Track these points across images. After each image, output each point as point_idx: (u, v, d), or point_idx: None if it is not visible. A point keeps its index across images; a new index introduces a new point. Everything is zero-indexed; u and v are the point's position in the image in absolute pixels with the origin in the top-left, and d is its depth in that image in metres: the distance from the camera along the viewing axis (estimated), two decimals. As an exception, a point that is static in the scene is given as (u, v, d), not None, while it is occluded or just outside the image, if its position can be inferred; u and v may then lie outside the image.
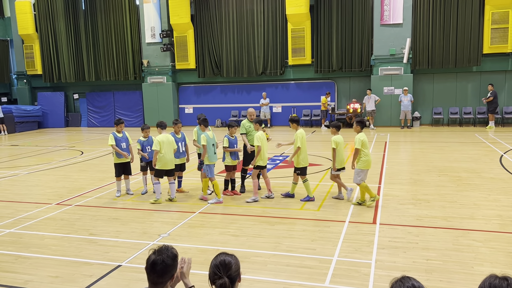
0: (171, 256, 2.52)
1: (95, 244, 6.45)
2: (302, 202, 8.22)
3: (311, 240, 6.30)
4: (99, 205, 8.59)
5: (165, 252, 2.51)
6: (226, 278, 2.42)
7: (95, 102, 24.82)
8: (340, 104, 21.61)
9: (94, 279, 5.25)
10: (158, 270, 2.48)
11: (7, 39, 26.19)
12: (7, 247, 6.39)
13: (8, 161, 14.23)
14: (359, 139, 7.81)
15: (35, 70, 25.28)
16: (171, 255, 2.53)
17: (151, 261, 2.49)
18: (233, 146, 8.73)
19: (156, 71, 23.12)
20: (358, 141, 7.79)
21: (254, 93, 22.05)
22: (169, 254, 2.52)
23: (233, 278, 2.45)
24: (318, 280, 5.04)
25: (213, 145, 8.60)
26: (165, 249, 2.53)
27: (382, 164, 11.54)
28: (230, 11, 21.86)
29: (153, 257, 2.50)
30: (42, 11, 24.36)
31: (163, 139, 8.38)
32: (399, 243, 6.08)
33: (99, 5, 23.46)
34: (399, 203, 8.00)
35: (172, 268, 2.52)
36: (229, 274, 2.44)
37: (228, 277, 2.43)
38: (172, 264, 2.52)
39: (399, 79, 19.71)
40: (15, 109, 23.33)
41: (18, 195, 9.54)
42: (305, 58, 20.79)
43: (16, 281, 5.26)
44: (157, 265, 2.47)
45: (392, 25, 19.51)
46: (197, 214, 7.75)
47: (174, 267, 2.53)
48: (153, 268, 2.48)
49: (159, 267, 2.47)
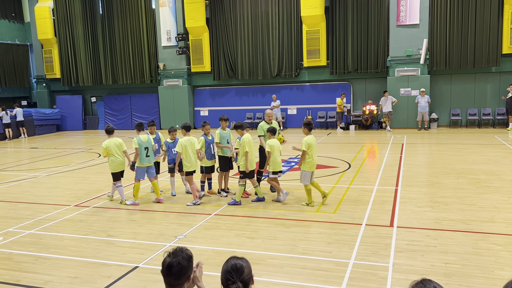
0: (186, 257, 2.52)
1: (113, 245, 6.53)
2: (318, 204, 8.18)
3: (327, 243, 6.26)
4: (117, 206, 8.69)
5: (180, 254, 2.51)
6: (240, 283, 2.39)
7: (112, 105, 25.15)
8: (356, 105, 21.46)
9: (112, 280, 5.32)
10: (174, 272, 2.48)
11: (27, 44, 26.75)
12: (28, 248, 6.51)
13: (28, 163, 14.52)
14: (305, 142, 7.92)
15: (54, 74, 25.76)
16: (186, 256, 2.52)
17: (167, 264, 2.49)
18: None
19: (172, 74, 23.33)
20: (305, 143, 7.91)
21: (269, 95, 22.05)
22: (184, 255, 2.52)
23: (246, 282, 2.43)
24: (335, 283, 5.01)
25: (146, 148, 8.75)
26: (179, 251, 2.53)
27: (399, 166, 11.42)
28: (245, 13, 21.93)
29: (168, 259, 2.50)
30: (60, 16, 24.83)
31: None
32: (417, 246, 6.00)
33: (116, 10, 23.79)
34: (416, 206, 7.90)
35: (188, 269, 2.52)
36: (242, 278, 2.42)
37: (241, 281, 2.41)
38: (188, 265, 2.51)
39: (416, 80, 19.48)
40: (35, 112, 23.81)
41: (38, 197, 9.72)
42: (320, 60, 20.72)
43: (36, 281, 5.36)
44: (173, 267, 2.47)
45: (408, 26, 19.30)
46: (212, 216, 7.78)
47: (190, 268, 2.53)
48: (169, 271, 2.48)
49: (175, 269, 2.47)
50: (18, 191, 10.42)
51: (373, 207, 7.90)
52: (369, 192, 8.98)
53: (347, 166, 11.77)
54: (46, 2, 25.02)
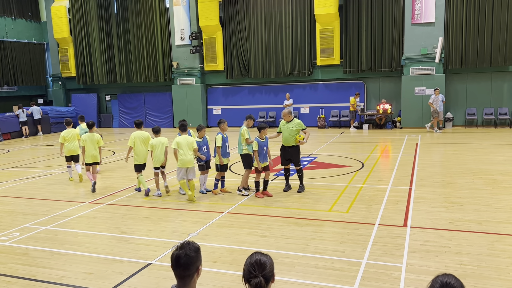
0: (193, 249, 2.60)
1: (126, 242, 6.60)
2: (331, 204, 8.14)
3: (340, 242, 6.23)
4: (130, 204, 8.78)
5: (187, 246, 2.59)
6: (262, 278, 2.43)
7: (127, 103, 25.38)
8: (370, 104, 21.29)
9: (126, 276, 5.37)
10: (182, 263, 2.54)
11: (43, 42, 27.15)
12: (43, 244, 6.62)
13: (44, 161, 14.75)
14: (175, 141, 8.79)
15: (69, 73, 26.10)
16: (193, 248, 2.60)
17: (175, 256, 2.57)
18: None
19: (185, 73, 23.44)
20: (174, 142, 8.80)
21: (282, 94, 22.01)
22: (191, 247, 2.59)
23: (267, 278, 2.48)
24: (347, 282, 4.99)
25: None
26: (186, 244, 2.61)
27: (413, 166, 11.30)
28: (258, 12, 21.92)
29: (176, 252, 2.58)
30: (76, 15, 25.14)
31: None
32: (431, 246, 5.93)
33: (131, 9, 24.00)
34: (430, 206, 7.81)
35: (196, 260, 2.58)
36: (264, 274, 2.46)
37: (263, 276, 2.45)
38: (196, 256, 2.58)
39: (430, 79, 19.25)
40: (51, 110, 24.17)
41: (53, 194, 9.87)
42: (334, 59, 20.60)
43: (52, 277, 5.45)
44: (181, 259, 2.54)
45: (423, 24, 19.07)
46: (225, 214, 7.81)
47: (198, 259, 2.60)
48: (177, 262, 2.55)
49: (183, 260, 2.54)
50: (34, 187, 10.60)
51: (387, 207, 7.83)
52: (382, 191, 8.91)
53: (360, 166, 11.70)
54: (62, 1, 25.36)
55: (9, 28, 25.07)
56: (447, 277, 2.22)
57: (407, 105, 19.65)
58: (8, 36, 24.91)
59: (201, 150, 9.18)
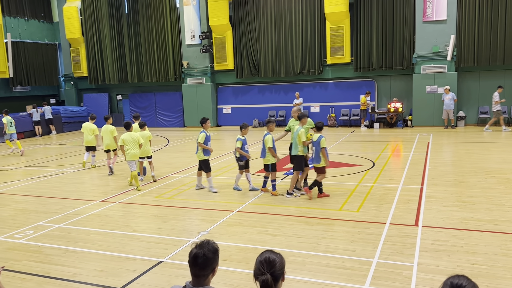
0: (211, 250, 2.60)
1: (138, 240, 6.66)
2: (341, 203, 8.12)
3: (351, 241, 6.22)
4: (141, 202, 8.86)
5: (206, 246, 2.60)
6: (269, 275, 2.44)
7: (137, 103, 25.56)
8: (381, 103, 21.16)
9: (137, 274, 5.43)
10: (199, 263, 2.56)
11: (55, 43, 27.46)
12: (57, 241, 6.71)
13: (57, 160, 14.93)
14: (121, 138, 10.05)
15: (81, 73, 26.36)
16: (212, 249, 2.60)
17: (193, 255, 2.58)
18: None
19: (196, 72, 23.53)
20: (120, 139, 10.05)
21: (292, 93, 21.97)
22: (210, 248, 2.60)
23: (276, 276, 2.47)
24: (358, 281, 4.98)
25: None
26: (206, 243, 2.62)
27: (424, 165, 11.21)
28: (268, 11, 21.91)
29: (194, 250, 2.59)
30: (88, 16, 25.38)
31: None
32: (443, 246, 5.89)
33: (141, 9, 24.15)
34: (442, 205, 7.75)
35: (213, 261, 2.60)
36: (272, 272, 2.46)
37: (272, 274, 2.45)
38: (213, 257, 2.60)
39: (442, 77, 19.06)
40: (63, 110, 24.45)
41: (66, 192, 10.00)
42: (344, 57, 20.51)
43: (65, 274, 5.52)
44: (199, 258, 2.56)
45: (435, 22, 18.89)
46: (235, 212, 7.83)
47: (215, 261, 2.61)
48: (194, 261, 2.57)
49: (200, 260, 2.56)
50: (47, 186, 10.74)
51: (398, 206, 7.79)
52: (393, 190, 8.86)
53: (371, 165, 11.64)
54: (74, 2, 25.62)
55: (22, 29, 25.41)
56: (458, 278, 2.18)
57: (418, 104, 19.48)
58: (21, 37, 25.25)
59: (243, 148, 9.20)
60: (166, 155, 14.76)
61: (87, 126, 12.76)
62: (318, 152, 8.46)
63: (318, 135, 8.49)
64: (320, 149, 8.41)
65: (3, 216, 8.23)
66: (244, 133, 9.30)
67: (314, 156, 8.55)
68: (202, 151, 9.34)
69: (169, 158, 14.08)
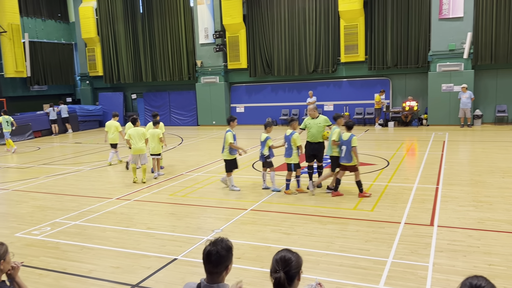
0: (225, 247, 2.62)
1: (152, 237, 6.72)
2: (356, 201, 8.07)
3: (365, 240, 6.18)
4: (156, 200, 8.94)
5: (220, 244, 2.62)
6: (282, 274, 2.44)
7: (152, 102, 25.77)
8: (396, 101, 20.94)
9: (152, 271, 5.48)
10: (212, 260, 2.59)
11: (71, 43, 27.84)
12: (73, 238, 6.82)
13: (73, 158, 15.16)
14: (127, 133, 10.77)
15: (96, 72, 26.68)
16: (225, 246, 2.62)
17: (207, 252, 2.61)
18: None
19: (209, 71, 23.61)
20: (127, 134, 10.77)
21: (305, 91, 21.88)
22: (224, 245, 2.62)
23: (291, 275, 2.48)
24: (373, 281, 4.95)
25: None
26: (220, 241, 2.64)
27: (440, 164, 11.07)
28: (281, 9, 21.86)
29: (208, 248, 2.62)
30: (103, 16, 25.66)
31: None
32: (459, 246, 5.81)
33: (156, 8, 24.33)
34: (458, 205, 7.65)
35: (226, 259, 2.62)
36: (287, 270, 2.47)
37: (286, 273, 2.45)
38: (227, 255, 2.61)
39: (458, 75, 18.78)
40: (79, 109, 24.79)
41: (82, 190, 10.14)
42: (358, 55, 20.36)
43: (81, 270, 5.61)
44: (212, 256, 2.59)
45: (451, 19, 18.61)
46: (248, 211, 7.85)
47: (228, 259, 2.63)
48: (208, 258, 2.60)
49: (214, 257, 2.58)
50: (63, 184, 10.91)
51: (413, 206, 7.71)
52: (408, 190, 8.78)
53: (386, 164, 11.54)
54: (89, 2, 25.93)
55: (39, 29, 25.82)
56: (477, 279, 2.15)
57: (434, 102, 19.24)
58: (39, 37, 25.66)
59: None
60: (180, 154, 14.86)
61: (111, 124, 13.17)
62: (349, 150, 8.41)
63: (350, 134, 8.48)
64: (352, 148, 8.36)
65: (21, 213, 8.39)
66: (268, 131, 9.23)
67: (344, 154, 8.47)
68: (228, 151, 9.24)
69: (182, 157, 14.17)
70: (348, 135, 8.50)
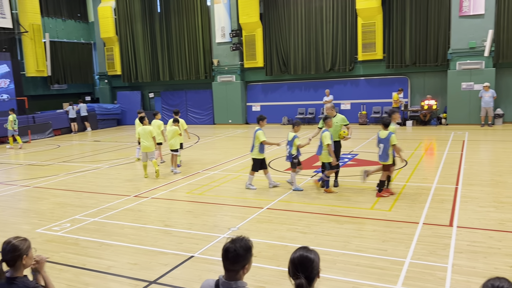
0: (244, 247, 2.62)
1: (170, 235, 6.79)
2: (373, 201, 8.00)
3: (382, 240, 6.12)
4: (173, 198, 9.01)
5: (239, 242, 2.63)
6: (304, 280, 2.43)
7: (169, 101, 25.98)
8: (414, 100, 20.66)
9: (169, 268, 5.54)
10: (230, 257, 2.60)
11: (90, 42, 28.26)
12: (92, 235, 6.93)
13: (92, 156, 15.40)
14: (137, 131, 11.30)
15: (115, 71, 27.02)
16: (244, 246, 2.62)
17: (225, 248, 2.64)
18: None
19: (226, 70, 23.68)
20: (136, 132, 11.33)
21: (322, 90, 21.76)
22: (243, 244, 2.62)
23: (311, 278, 2.47)
24: (390, 281, 4.90)
25: None
26: (239, 240, 2.65)
27: (459, 164, 10.88)
28: (298, 7, 21.78)
29: (227, 244, 2.64)
30: (121, 15, 25.96)
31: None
32: (479, 247, 5.71)
33: (173, 8, 24.51)
34: (478, 206, 7.51)
35: (244, 258, 2.62)
36: (307, 274, 2.46)
37: (307, 278, 2.44)
38: (244, 254, 2.61)
39: (479, 73, 18.41)
40: (98, 107, 25.17)
41: (100, 187, 10.30)
42: (376, 53, 20.14)
43: (100, 266, 5.70)
44: (229, 253, 2.60)
45: (472, 17, 18.26)
46: (265, 209, 7.85)
47: (246, 258, 2.63)
48: (226, 255, 2.62)
49: (231, 255, 2.59)
50: (82, 181, 11.10)
51: (431, 206, 7.61)
52: (427, 190, 8.66)
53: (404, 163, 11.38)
54: (108, 2, 26.27)
55: (59, 29, 26.28)
56: (499, 280, 2.11)
57: (453, 101, 18.91)
58: (59, 37, 26.12)
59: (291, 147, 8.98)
60: (196, 152, 14.95)
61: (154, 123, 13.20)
62: (386, 149, 8.25)
63: (388, 132, 8.29)
64: (391, 146, 8.18)
65: (42, 209, 8.57)
66: (296, 130, 9.15)
67: (381, 153, 8.33)
68: (258, 149, 9.17)
69: (199, 155, 14.25)
70: (386, 133, 8.28)
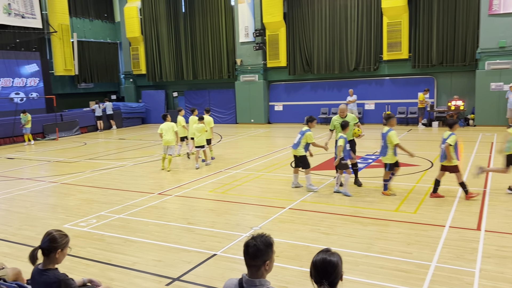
0: (264, 242, 2.66)
1: (193, 232, 6.85)
2: (398, 203, 7.87)
3: (407, 243, 6.02)
4: (196, 196, 9.10)
5: (259, 238, 2.67)
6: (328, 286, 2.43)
7: (192, 100, 26.21)
8: (440, 101, 20.23)
9: (192, 265, 5.59)
10: (250, 252, 2.64)
11: (116, 42, 28.78)
12: (118, 231, 7.06)
13: (117, 153, 15.69)
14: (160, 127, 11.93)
15: (140, 70, 27.45)
16: (264, 241, 2.66)
17: (245, 243, 2.69)
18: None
19: (249, 70, 23.73)
20: (159, 128, 11.93)
21: (345, 90, 21.54)
22: (263, 240, 2.67)
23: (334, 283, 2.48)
24: (415, 285, 4.81)
25: None
26: (260, 236, 2.70)
27: (488, 166, 10.57)
28: (322, 6, 21.63)
29: (248, 240, 2.70)
30: (147, 16, 26.36)
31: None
32: (508, 252, 5.55)
33: (197, 8, 24.72)
34: (507, 209, 7.29)
35: (264, 253, 2.64)
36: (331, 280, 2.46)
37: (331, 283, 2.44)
38: (265, 250, 2.64)
39: (509, 73, 17.87)
40: (123, 106, 25.64)
41: (125, 184, 10.48)
42: (402, 53, 19.81)
43: (125, 262, 5.80)
44: (250, 248, 2.65)
45: (502, 15, 17.74)
46: (287, 209, 7.84)
47: (266, 254, 2.66)
48: (246, 250, 2.67)
49: (251, 249, 2.63)
50: (108, 178, 11.32)
51: (458, 209, 7.43)
52: (453, 192, 8.47)
53: (430, 165, 11.18)
54: (134, 2, 26.71)
55: (87, 29, 26.87)
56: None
57: (481, 102, 18.44)
58: (86, 36, 26.71)
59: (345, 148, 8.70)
60: (219, 151, 15.03)
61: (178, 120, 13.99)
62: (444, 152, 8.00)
63: (450, 133, 8.00)
64: (448, 147, 7.89)
65: (70, 205, 8.78)
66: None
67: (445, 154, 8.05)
68: (303, 147, 9.05)
69: (222, 154, 14.33)
70: (448, 133, 8.01)
